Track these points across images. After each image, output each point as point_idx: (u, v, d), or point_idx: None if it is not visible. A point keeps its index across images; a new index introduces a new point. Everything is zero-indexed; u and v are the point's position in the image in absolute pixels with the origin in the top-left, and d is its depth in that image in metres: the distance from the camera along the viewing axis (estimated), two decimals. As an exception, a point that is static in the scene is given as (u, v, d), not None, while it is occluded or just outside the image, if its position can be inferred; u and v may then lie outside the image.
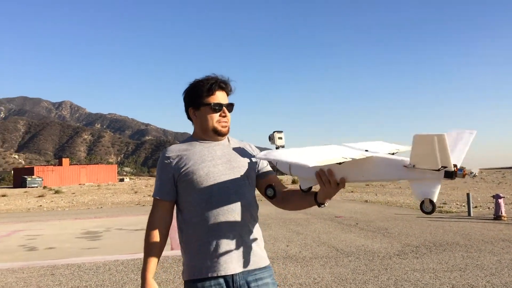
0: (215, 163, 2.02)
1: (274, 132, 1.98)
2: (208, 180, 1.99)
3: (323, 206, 1.93)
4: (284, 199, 2.11)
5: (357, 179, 1.83)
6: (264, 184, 2.14)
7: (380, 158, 1.75)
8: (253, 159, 2.15)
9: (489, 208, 14.31)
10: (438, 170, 1.62)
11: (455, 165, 1.59)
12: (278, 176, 2.24)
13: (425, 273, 5.91)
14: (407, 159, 1.68)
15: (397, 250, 7.54)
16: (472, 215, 12.30)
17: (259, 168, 2.17)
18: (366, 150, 1.82)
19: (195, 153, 2.05)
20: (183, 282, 2.02)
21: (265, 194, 1.92)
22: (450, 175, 1.60)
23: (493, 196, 11.78)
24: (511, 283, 5.33)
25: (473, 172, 1.69)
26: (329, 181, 1.79)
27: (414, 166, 1.66)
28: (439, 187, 1.66)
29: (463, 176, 1.64)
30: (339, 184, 1.81)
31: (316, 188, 1.94)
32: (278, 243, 8.56)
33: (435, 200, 1.69)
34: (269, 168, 2.19)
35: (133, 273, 6.45)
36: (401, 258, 6.89)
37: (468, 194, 12.95)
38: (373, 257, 6.98)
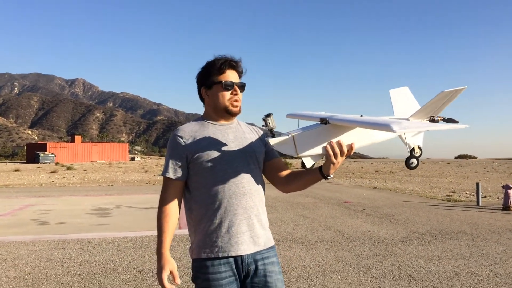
0: (229, 147, 2.06)
1: (270, 115, 1.97)
2: (222, 163, 2.02)
3: (330, 177, 1.97)
4: (288, 181, 2.15)
5: (362, 143, 2.06)
6: (271, 166, 2.19)
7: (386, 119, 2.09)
8: (261, 142, 2.20)
9: (498, 198, 14.23)
10: (429, 120, 2.11)
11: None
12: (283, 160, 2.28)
13: (429, 260, 5.94)
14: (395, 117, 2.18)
15: (402, 236, 7.58)
16: (480, 204, 12.25)
17: (266, 152, 2.21)
18: (361, 115, 2.05)
19: (208, 135, 2.08)
20: (191, 260, 2.08)
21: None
22: (432, 121, 2.11)
23: (503, 186, 11.70)
24: (515, 273, 5.35)
25: (443, 117, 2.14)
26: (339, 152, 1.88)
27: (408, 118, 2.13)
28: (423, 133, 2.17)
29: (438, 121, 2.12)
30: (347, 152, 1.90)
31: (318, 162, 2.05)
32: (284, 226, 8.64)
33: (421, 145, 2.14)
34: (274, 151, 2.23)
35: (141, 250, 6.59)
36: (406, 244, 6.93)
37: (477, 184, 12.88)
38: (378, 243, 7.03)
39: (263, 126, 1.98)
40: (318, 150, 1.98)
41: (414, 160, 1.96)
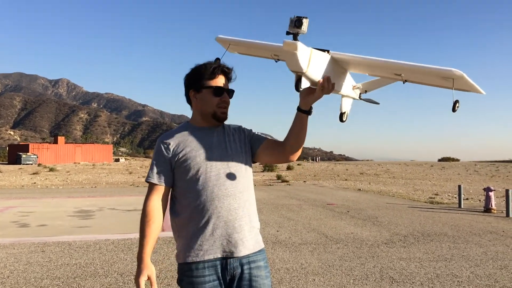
0: (212, 150, 2.07)
1: (307, 18, 1.80)
2: (205, 167, 2.03)
3: (311, 111, 2.05)
4: (284, 146, 2.13)
5: (336, 89, 2.22)
6: (263, 150, 2.17)
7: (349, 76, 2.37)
8: (246, 140, 2.19)
9: (480, 200, 14.45)
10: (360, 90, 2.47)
11: None
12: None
13: (411, 262, 6.00)
14: (353, 82, 2.40)
15: (385, 238, 7.64)
16: (462, 207, 12.43)
17: (252, 142, 2.19)
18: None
19: (192, 140, 2.08)
20: (177, 264, 2.07)
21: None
22: (360, 95, 2.49)
23: (484, 189, 11.88)
24: (495, 274, 5.43)
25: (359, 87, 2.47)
26: (327, 87, 1.97)
27: (353, 87, 2.39)
28: (352, 102, 2.50)
29: (355, 90, 2.43)
30: (329, 90, 2.01)
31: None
32: (268, 228, 8.64)
33: (349, 111, 2.50)
34: (260, 135, 2.22)
35: (123, 252, 6.51)
36: (389, 246, 6.98)
37: (459, 186, 13.06)
38: (361, 245, 7.07)
39: (292, 26, 1.80)
40: (318, 76, 2.00)
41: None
